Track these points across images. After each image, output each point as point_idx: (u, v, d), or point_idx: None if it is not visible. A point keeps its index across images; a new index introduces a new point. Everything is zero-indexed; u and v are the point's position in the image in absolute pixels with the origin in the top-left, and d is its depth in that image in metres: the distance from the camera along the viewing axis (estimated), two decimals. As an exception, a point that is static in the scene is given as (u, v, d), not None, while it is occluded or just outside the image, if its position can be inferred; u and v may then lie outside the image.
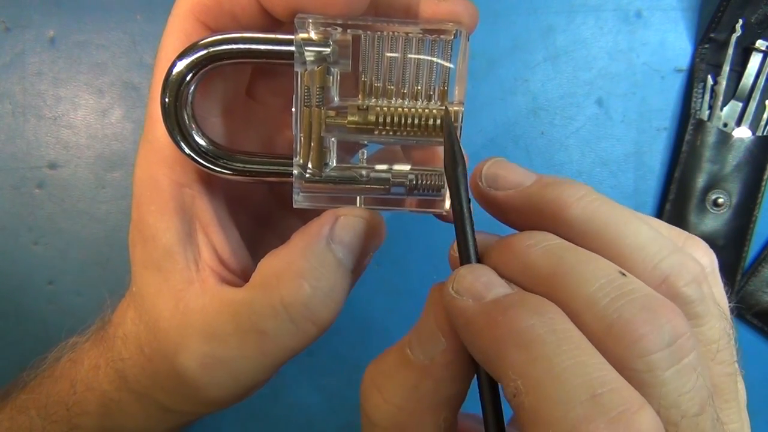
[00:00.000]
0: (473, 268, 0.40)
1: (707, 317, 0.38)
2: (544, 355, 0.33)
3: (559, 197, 0.40)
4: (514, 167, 0.44)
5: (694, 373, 0.34)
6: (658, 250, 0.38)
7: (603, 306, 0.35)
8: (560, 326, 0.35)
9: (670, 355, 0.34)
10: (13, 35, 0.77)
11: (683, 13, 0.80)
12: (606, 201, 0.40)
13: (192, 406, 0.52)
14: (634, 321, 0.34)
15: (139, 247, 0.50)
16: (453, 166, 0.42)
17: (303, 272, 0.46)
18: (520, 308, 0.36)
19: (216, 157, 0.47)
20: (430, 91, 0.46)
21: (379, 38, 0.45)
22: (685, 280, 0.37)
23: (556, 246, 0.39)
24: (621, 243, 0.38)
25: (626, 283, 0.36)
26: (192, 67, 0.45)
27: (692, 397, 0.34)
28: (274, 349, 0.48)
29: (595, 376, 0.32)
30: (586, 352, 0.34)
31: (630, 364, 0.34)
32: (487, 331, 0.36)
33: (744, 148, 0.77)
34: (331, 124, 0.46)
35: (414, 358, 0.40)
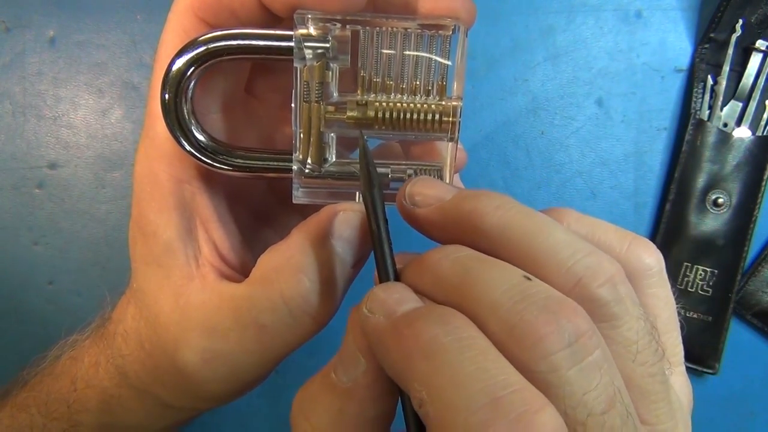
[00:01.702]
0: (387, 286, 0.40)
1: (625, 317, 0.37)
2: (447, 363, 0.33)
3: (476, 208, 0.40)
4: (436, 184, 0.44)
5: (598, 371, 0.34)
6: (572, 253, 0.38)
7: (506, 310, 0.35)
8: (464, 334, 0.35)
9: (572, 354, 0.34)
10: (13, 35, 0.77)
11: (683, 13, 0.80)
12: (522, 209, 0.40)
13: (192, 401, 0.52)
14: (535, 322, 0.34)
15: (139, 243, 0.50)
16: (368, 187, 0.42)
17: (302, 267, 0.46)
18: (424, 320, 0.36)
19: (216, 153, 0.48)
20: (428, 86, 0.46)
21: (377, 34, 0.45)
22: (598, 281, 0.37)
23: (464, 257, 0.39)
24: (535, 249, 0.38)
25: (529, 287, 0.36)
26: (192, 63, 0.45)
27: (598, 395, 0.34)
28: (274, 344, 0.48)
29: (497, 380, 0.32)
30: (489, 357, 0.34)
31: (533, 366, 0.33)
32: (395, 346, 0.36)
33: (744, 148, 0.78)
34: (331, 120, 0.46)
35: (338, 381, 0.39)
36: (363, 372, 0.39)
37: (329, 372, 0.40)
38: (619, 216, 0.80)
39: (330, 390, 0.40)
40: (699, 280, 0.78)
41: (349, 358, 0.40)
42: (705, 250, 0.79)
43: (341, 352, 0.41)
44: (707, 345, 0.78)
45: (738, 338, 0.80)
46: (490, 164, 0.80)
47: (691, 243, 0.79)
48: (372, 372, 0.39)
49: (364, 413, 0.39)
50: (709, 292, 0.78)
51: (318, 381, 0.41)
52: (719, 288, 0.78)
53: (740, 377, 0.80)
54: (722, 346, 0.78)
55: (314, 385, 0.41)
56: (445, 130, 0.46)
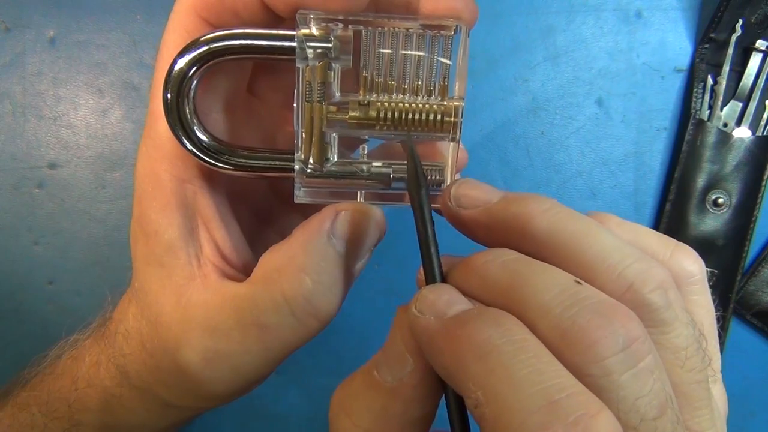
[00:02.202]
0: (435, 287, 0.40)
1: (674, 324, 0.38)
2: (502, 365, 0.34)
3: (524, 212, 0.40)
4: (482, 186, 0.45)
5: (651, 376, 0.34)
6: (622, 258, 0.38)
7: (557, 314, 0.35)
8: (517, 336, 0.35)
9: (626, 359, 0.34)
10: (13, 35, 0.77)
11: (683, 13, 0.80)
12: (570, 213, 0.40)
13: (194, 400, 0.52)
14: (587, 327, 0.34)
15: (141, 242, 0.50)
16: (417, 188, 0.42)
17: (304, 267, 0.46)
18: (478, 321, 0.36)
19: (217, 152, 0.48)
20: (430, 86, 0.46)
21: (379, 34, 0.45)
22: (650, 287, 0.37)
23: (512, 260, 0.39)
24: (585, 253, 0.38)
25: (580, 291, 0.36)
26: (194, 63, 0.45)
27: (650, 401, 0.34)
28: (275, 343, 0.48)
29: (553, 382, 0.33)
30: (543, 359, 0.34)
31: (586, 369, 0.34)
32: (447, 347, 0.36)
33: (744, 148, 0.78)
34: (332, 120, 0.46)
35: (382, 380, 0.40)
36: (409, 372, 0.39)
37: (372, 370, 0.40)
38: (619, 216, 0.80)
39: (373, 388, 0.40)
40: (699, 280, 0.78)
41: (395, 357, 0.40)
42: (705, 250, 0.79)
43: (386, 351, 0.41)
44: (707, 345, 0.78)
45: (738, 338, 0.80)
46: (490, 164, 0.80)
47: (691, 243, 0.78)
48: (419, 372, 0.39)
49: (408, 413, 0.39)
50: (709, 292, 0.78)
51: (360, 378, 0.41)
52: (719, 288, 0.78)
53: (740, 377, 0.80)
54: (722, 346, 0.78)
55: (356, 382, 0.41)
56: (446, 130, 0.46)
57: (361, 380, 0.41)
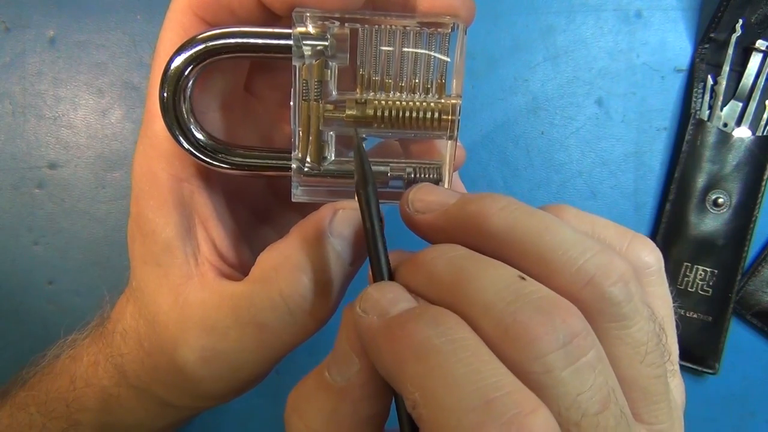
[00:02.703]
0: (380, 285, 0.40)
1: (635, 318, 0.37)
2: (440, 365, 0.33)
3: (479, 211, 0.40)
4: (439, 190, 0.44)
5: (593, 371, 0.34)
6: (582, 251, 0.37)
7: (499, 310, 0.35)
8: (457, 335, 0.34)
9: (566, 354, 0.34)
10: (13, 35, 0.77)
11: (683, 13, 0.80)
12: (528, 209, 0.39)
13: (192, 400, 0.52)
14: (528, 323, 0.34)
15: (138, 241, 0.50)
16: (363, 184, 0.42)
17: (302, 265, 0.46)
18: (418, 321, 0.35)
19: (214, 151, 0.48)
20: (427, 84, 0.46)
21: (376, 32, 0.45)
22: (610, 279, 0.36)
23: (459, 256, 0.39)
24: (543, 248, 0.38)
25: (523, 287, 0.36)
26: (190, 61, 0.45)
27: (592, 396, 0.34)
28: (273, 342, 0.48)
29: (490, 381, 0.32)
30: (482, 358, 0.34)
31: (527, 366, 0.33)
32: (387, 347, 0.36)
33: (744, 148, 0.78)
34: (330, 118, 0.46)
35: (332, 380, 0.39)
36: (357, 371, 0.39)
37: (323, 371, 0.40)
38: (619, 216, 0.80)
39: (324, 389, 0.40)
40: (699, 280, 0.78)
41: (342, 357, 0.40)
42: (705, 250, 0.79)
43: (335, 351, 0.41)
44: (707, 345, 0.78)
45: (738, 338, 0.80)
46: (490, 164, 0.80)
47: (691, 243, 0.78)
48: (365, 371, 0.39)
49: (358, 413, 0.39)
50: (709, 292, 0.78)
51: (312, 380, 0.41)
52: (719, 288, 0.78)
53: (740, 377, 0.80)
54: (722, 346, 0.78)
55: (308, 384, 0.41)
56: (444, 128, 0.46)
57: (312, 381, 0.41)
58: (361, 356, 0.39)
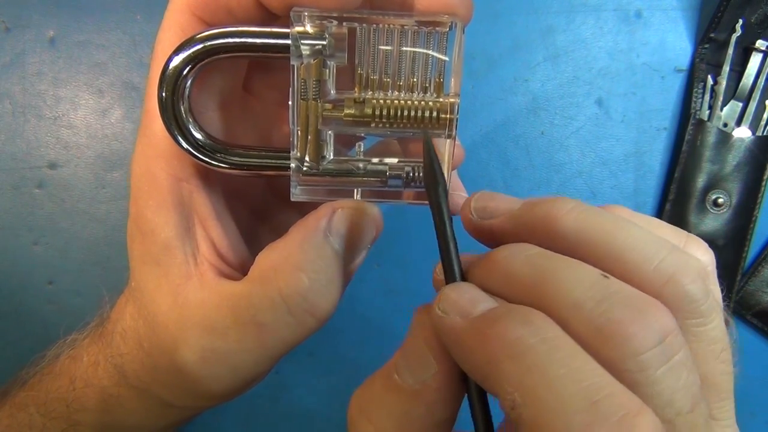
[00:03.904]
0: (457, 285, 0.40)
1: (712, 315, 0.37)
2: (538, 365, 0.33)
3: (549, 212, 0.40)
4: (501, 196, 0.44)
5: (685, 370, 0.34)
6: (657, 250, 0.37)
7: (589, 309, 0.35)
8: (550, 334, 0.34)
9: (661, 353, 0.34)
10: (13, 35, 0.77)
11: (683, 13, 0.80)
12: (597, 210, 0.40)
13: (192, 400, 0.52)
14: (622, 321, 0.34)
15: (137, 241, 0.50)
16: (434, 185, 0.42)
17: (301, 264, 0.46)
18: (508, 320, 0.35)
19: (213, 151, 0.48)
20: (426, 83, 0.46)
21: (374, 31, 0.45)
22: (690, 277, 0.37)
23: (536, 255, 0.39)
24: (617, 248, 0.38)
25: (609, 285, 0.36)
26: (189, 61, 0.45)
27: (685, 395, 0.34)
28: (273, 342, 0.48)
29: (591, 382, 0.32)
30: (579, 358, 0.34)
31: (622, 365, 0.33)
32: (478, 347, 0.36)
33: (744, 148, 0.77)
34: (328, 117, 0.46)
35: (403, 383, 0.39)
36: (433, 374, 0.39)
37: (391, 373, 0.40)
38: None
39: (395, 391, 0.39)
40: (699, 280, 0.78)
41: (417, 360, 0.39)
42: (705, 249, 0.78)
43: (407, 354, 0.40)
44: (707, 345, 0.78)
45: (738, 338, 0.80)
46: (490, 164, 0.80)
47: (692, 243, 0.78)
48: (443, 374, 0.38)
49: (431, 416, 0.39)
50: (710, 292, 0.78)
51: (380, 382, 0.41)
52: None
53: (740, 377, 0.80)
54: (722, 345, 0.78)
55: (376, 386, 0.41)
56: (442, 127, 0.46)
57: (381, 384, 0.40)
58: (439, 358, 0.39)
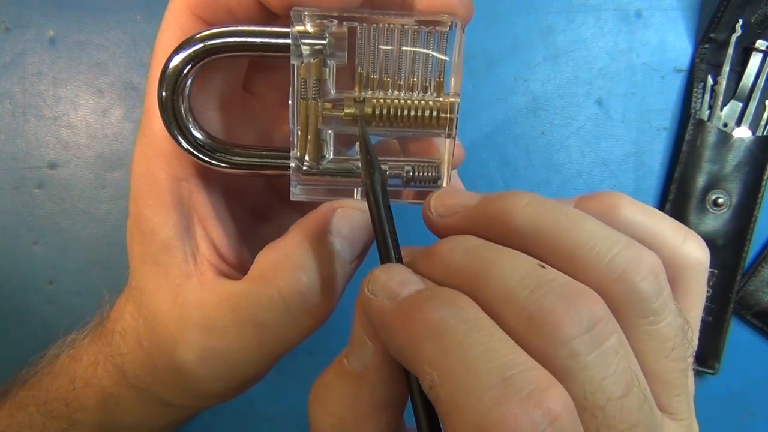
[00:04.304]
0: (388, 267, 0.40)
1: (664, 313, 0.37)
2: (456, 345, 0.34)
3: (503, 208, 0.40)
4: (460, 193, 0.45)
5: (616, 356, 0.34)
6: (610, 246, 0.37)
7: (523, 298, 0.35)
8: (471, 315, 0.35)
9: (591, 339, 0.34)
10: (13, 35, 0.77)
11: (683, 13, 0.80)
12: (553, 204, 0.40)
13: (191, 399, 0.52)
14: (552, 309, 0.34)
15: (137, 241, 0.50)
16: (368, 172, 0.43)
17: (300, 264, 0.46)
18: (432, 302, 0.36)
19: (213, 150, 0.48)
20: (426, 82, 0.46)
21: (374, 30, 0.45)
22: (641, 273, 0.36)
23: (476, 246, 0.39)
24: (570, 243, 0.38)
25: (544, 274, 0.36)
26: (188, 60, 0.45)
27: (616, 380, 0.34)
28: (272, 341, 0.48)
29: (506, 359, 0.33)
30: (497, 337, 0.34)
31: (552, 352, 0.34)
32: (401, 328, 0.36)
33: (744, 148, 0.77)
34: (328, 117, 0.46)
35: (350, 367, 0.40)
36: (371, 355, 0.39)
37: (342, 359, 0.41)
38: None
39: (343, 376, 0.40)
40: (699, 280, 0.78)
41: (358, 343, 0.40)
42: (705, 250, 0.78)
43: (351, 338, 0.41)
44: (707, 345, 0.78)
45: (738, 338, 0.79)
46: (490, 164, 0.80)
47: (692, 243, 0.78)
48: (380, 354, 0.39)
49: (376, 396, 0.39)
50: (709, 292, 0.78)
51: (332, 370, 0.41)
52: (719, 288, 0.78)
53: (740, 377, 0.80)
54: (722, 346, 0.78)
55: (329, 374, 0.41)
56: (442, 127, 0.46)
57: (333, 371, 0.41)
58: (375, 340, 0.39)
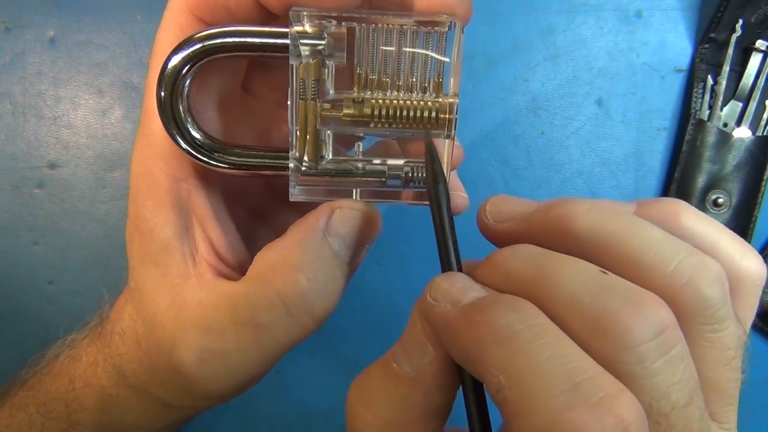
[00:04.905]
0: (449, 275, 0.40)
1: (727, 322, 0.37)
2: (523, 349, 0.34)
3: (564, 213, 0.40)
4: (515, 199, 0.45)
5: (681, 363, 0.34)
6: (674, 253, 0.37)
7: (586, 303, 0.35)
8: (536, 321, 0.35)
9: (659, 346, 0.34)
10: (13, 35, 0.77)
11: (683, 13, 0.80)
12: (613, 211, 0.40)
13: (190, 400, 0.52)
14: (618, 314, 0.34)
15: (136, 241, 0.50)
16: (434, 183, 0.43)
17: (299, 265, 0.46)
18: (496, 307, 0.36)
19: (212, 150, 0.48)
20: (425, 83, 0.46)
21: (373, 31, 0.45)
22: (707, 280, 0.36)
23: (536, 253, 0.39)
24: (632, 249, 0.38)
25: (607, 279, 0.36)
26: (187, 60, 0.45)
27: (681, 388, 0.34)
28: (271, 342, 0.48)
29: (574, 365, 0.33)
30: (563, 343, 0.34)
31: (619, 357, 0.34)
32: (466, 332, 0.36)
33: (744, 148, 0.77)
34: (327, 117, 0.46)
35: (401, 370, 0.40)
36: (429, 361, 0.39)
37: (390, 362, 0.40)
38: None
39: (394, 379, 0.40)
40: (699, 280, 0.78)
41: (415, 347, 0.40)
42: (705, 250, 0.78)
43: (405, 342, 0.41)
44: (707, 345, 0.78)
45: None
46: (490, 164, 0.80)
47: (692, 243, 0.78)
48: (439, 360, 0.39)
49: (428, 402, 0.40)
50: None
51: (378, 370, 0.41)
52: (719, 288, 0.78)
53: (740, 377, 0.80)
54: (722, 346, 0.78)
55: (374, 374, 0.41)
56: (441, 127, 0.46)
57: (379, 372, 0.41)
58: (436, 345, 0.39)
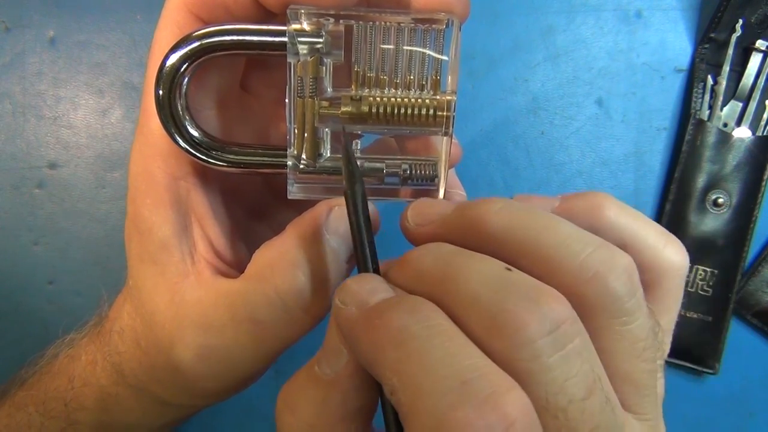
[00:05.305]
0: (360, 277, 0.40)
1: (636, 314, 0.37)
2: (416, 350, 0.34)
3: (477, 215, 0.40)
4: (436, 202, 0.45)
5: (579, 358, 0.34)
6: (583, 246, 0.37)
7: (486, 300, 0.35)
8: (434, 321, 0.35)
9: (554, 341, 0.34)
10: (13, 35, 0.77)
11: (683, 13, 0.80)
12: (526, 209, 0.40)
13: (189, 398, 0.52)
14: (515, 310, 0.34)
15: (135, 240, 0.50)
16: (350, 183, 0.43)
17: (297, 262, 0.46)
18: (396, 309, 0.36)
19: (210, 149, 0.48)
20: (422, 80, 0.46)
21: (371, 29, 0.45)
22: (614, 274, 0.36)
23: (446, 252, 0.39)
24: (544, 245, 0.38)
25: (509, 277, 0.36)
26: (185, 58, 0.45)
27: (578, 382, 0.34)
28: (269, 339, 0.48)
29: (465, 364, 0.33)
30: (457, 342, 0.34)
31: (515, 354, 0.33)
32: (366, 335, 0.36)
33: (744, 148, 0.77)
34: (325, 115, 0.46)
35: (321, 373, 0.40)
36: (345, 363, 0.39)
37: (313, 365, 0.40)
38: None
39: (314, 382, 0.40)
40: (699, 280, 0.78)
41: (331, 350, 0.40)
42: (705, 250, 0.78)
43: (324, 344, 0.41)
44: (707, 345, 0.78)
45: (738, 338, 0.79)
46: (490, 164, 0.80)
47: (691, 243, 0.78)
48: (353, 362, 0.39)
49: (346, 404, 0.39)
50: (709, 292, 0.78)
51: (302, 375, 0.41)
52: (719, 288, 0.78)
53: (740, 377, 0.80)
54: (722, 346, 0.78)
55: (299, 379, 0.41)
56: (439, 125, 0.46)
57: (303, 376, 0.41)
58: (348, 347, 0.39)
